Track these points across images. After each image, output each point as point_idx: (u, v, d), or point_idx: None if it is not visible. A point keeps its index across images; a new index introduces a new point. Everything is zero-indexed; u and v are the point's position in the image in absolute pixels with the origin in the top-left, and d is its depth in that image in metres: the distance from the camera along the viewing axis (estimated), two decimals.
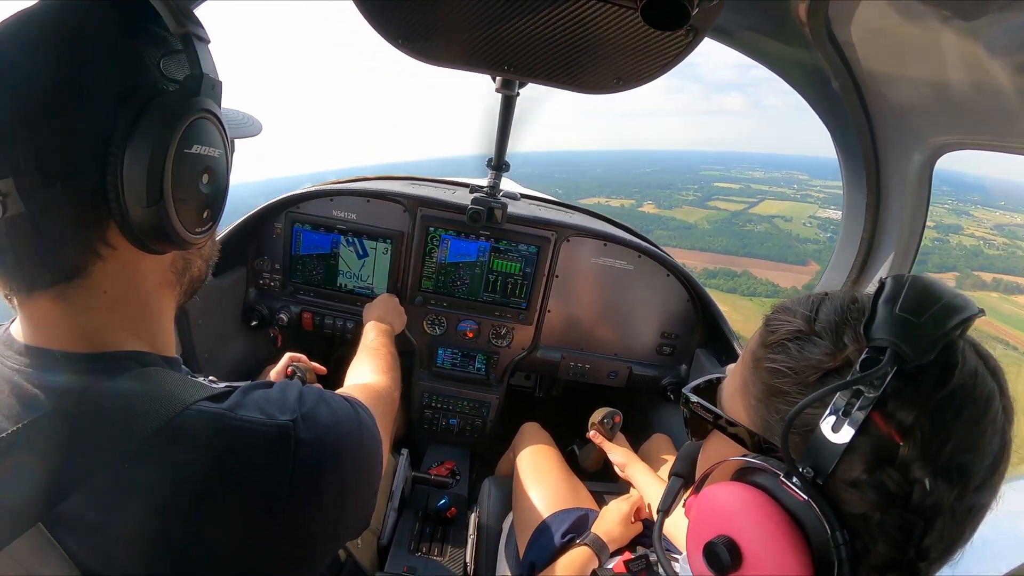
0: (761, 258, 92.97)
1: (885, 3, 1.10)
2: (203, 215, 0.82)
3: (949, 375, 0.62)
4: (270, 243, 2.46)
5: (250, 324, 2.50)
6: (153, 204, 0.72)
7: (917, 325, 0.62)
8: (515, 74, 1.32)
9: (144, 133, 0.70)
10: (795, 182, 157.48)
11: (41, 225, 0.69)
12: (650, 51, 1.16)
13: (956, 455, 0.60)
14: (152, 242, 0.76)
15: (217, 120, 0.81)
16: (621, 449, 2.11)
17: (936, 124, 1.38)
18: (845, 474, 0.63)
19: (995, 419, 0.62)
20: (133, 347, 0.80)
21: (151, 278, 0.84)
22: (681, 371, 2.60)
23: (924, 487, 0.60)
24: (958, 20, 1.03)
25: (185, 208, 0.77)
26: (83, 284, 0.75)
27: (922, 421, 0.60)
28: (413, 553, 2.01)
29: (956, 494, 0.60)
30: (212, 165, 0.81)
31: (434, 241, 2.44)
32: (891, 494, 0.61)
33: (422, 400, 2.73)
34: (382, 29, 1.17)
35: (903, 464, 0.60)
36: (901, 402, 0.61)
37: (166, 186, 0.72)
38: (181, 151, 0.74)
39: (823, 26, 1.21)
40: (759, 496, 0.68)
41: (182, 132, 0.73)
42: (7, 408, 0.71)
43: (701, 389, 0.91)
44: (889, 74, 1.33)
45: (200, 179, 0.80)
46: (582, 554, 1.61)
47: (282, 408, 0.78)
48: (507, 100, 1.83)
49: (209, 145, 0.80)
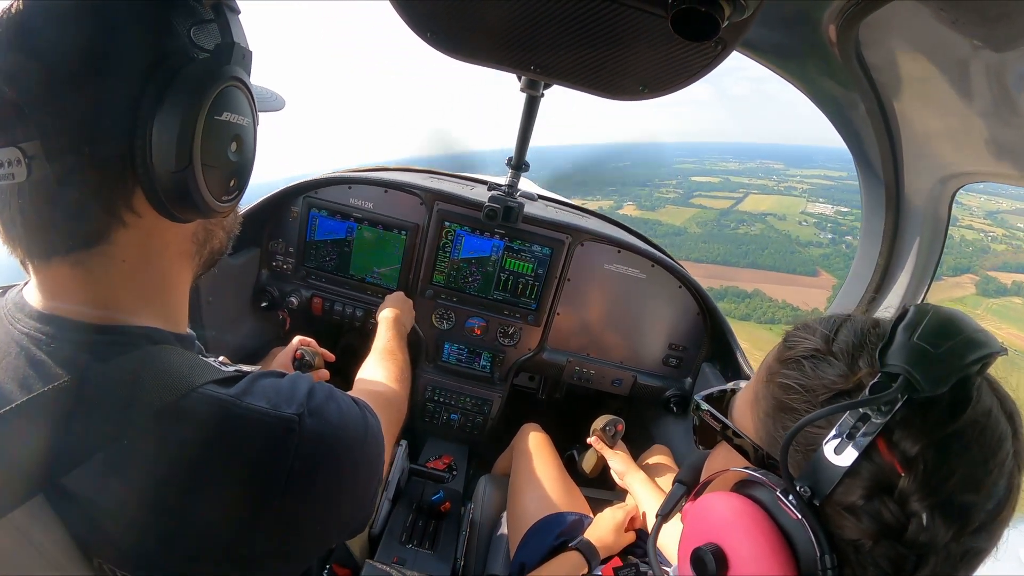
0: (767, 269, 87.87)
1: (916, 29, 1.09)
2: (230, 183, 0.82)
3: (961, 410, 0.61)
4: (286, 226, 2.48)
5: (260, 305, 2.51)
6: (182, 169, 0.72)
7: (934, 356, 0.61)
8: (541, 75, 1.32)
9: (174, 98, 0.70)
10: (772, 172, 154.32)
11: (67, 189, 0.69)
12: (678, 61, 1.15)
13: (958, 493, 0.59)
14: (178, 208, 0.75)
15: (247, 89, 0.81)
16: (621, 457, 2.10)
17: (959, 154, 1.36)
18: (842, 498, 0.62)
19: (1004, 462, 0.61)
20: (145, 322, 0.80)
21: (172, 247, 0.84)
22: (686, 384, 2.59)
23: (921, 521, 0.59)
24: (988, 51, 1.02)
25: (213, 175, 0.77)
26: (103, 251, 0.74)
27: (927, 454, 0.59)
28: (404, 544, 2.01)
29: (953, 533, 0.59)
30: (241, 134, 0.82)
31: (448, 236, 2.44)
32: (886, 524, 0.60)
33: (425, 393, 2.73)
34: (412, 22, 1.18)
35: (902, 495, 0.60)
36: (908, 432, 0.60)
37: (195, 151, 0.73)
38: (211, 117, 0.74)
39: (853, 48, 1.20)
40: (753, 509, 0.67)
41: (213, 98, 0.74)
42: (14, 372, 0.72)
43: (713, 398, 0.91)
44: (916, 100, 1.32)
45: (229, 147, 0.80)
46: (572, 558, 1.61)
47: (289, 401, 0.78)
48: (531, 100, 1.83)
49: (239, 113, 0.80)
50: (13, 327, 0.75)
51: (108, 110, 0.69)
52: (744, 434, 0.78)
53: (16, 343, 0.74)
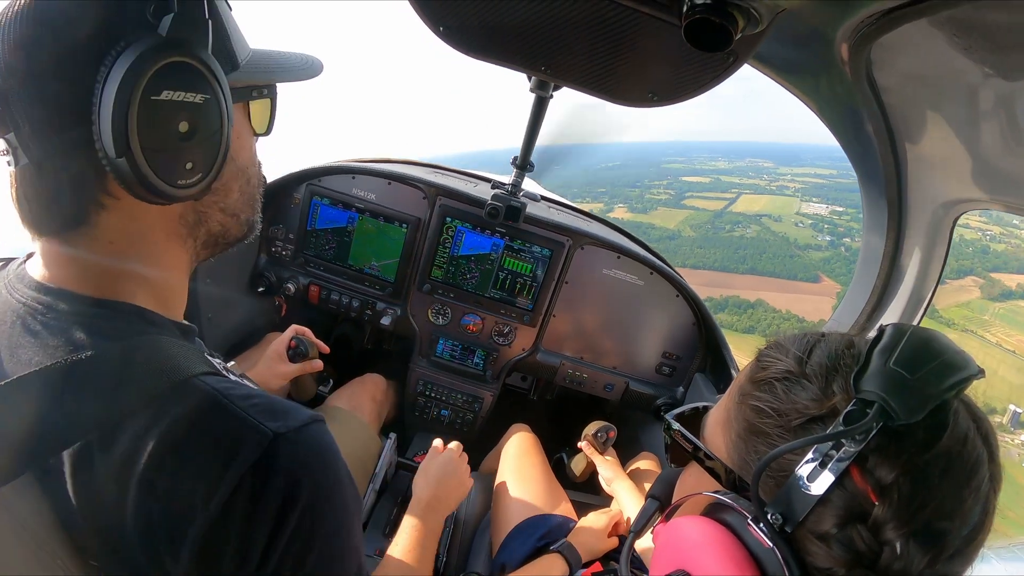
0: (767, 275, 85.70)
1: (928, 53, 1.09)
2: (186, 166, 0.77)
3: (937, 437, 0.60)
4: (287, 212, 2.48)
5: (257, 290, 2.51)
6: (121, 155, 0.69)
7: (910, 382, 0.60)
8: (551, 76, 1.32)
9: (112, 81, 0.67)
10: (763, 171, 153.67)
11: (45, 174, 0.72)
12: (689, 70, 1.15)
13: (933, 521, 0.58)
14: (140, 192, 0.73)
15: (200, 62, 0.75)
16: (610, 463, 2.11)
17: (964, 180, 1.36)
18: (815, 526, 0.62)
19: (979, 487, 0.60)
20: (141, 302, 0.81)
21: (158, 229, 0.83)
22: (678, 393, 2.59)
23: (894, 550, 0.58)
24: (999, 79, 1.02)
25: (160, 158, 0.72)
26: (87, 233, 0.76)
27: (902, 482, 0.59)
28: (387, 536, 2.01)
29: (928, 561, 0.58)
30: (194, 111, 0.75)
31: (449, 231, 2.44)
32: (859, 553, 0.59)
33: (416, 387, 2.73)
34: (425, 15, 1.17)
35: (876, 524, 0.59)
36: (882, 459, 0.60)
37: (131, 135, 0.69)
38: (147, 97, 0.69)
39: (864, 68, 1.20)
40: (723, 535, 0.66)
41: (148, 77, 0.68)
42: (8, 341, 0.74)
43: (685, 417, 0.90)
44: (924, 124, 1.32)
45: (176, 128, 0.74)
46: (553, 561, 1.61)
47: (275, 418, 0.75)
48: (540, 101, 1.83)
49: (185, 90, 0.73)
50: (12, 296, 0.77)
51: (66, 98, 0.69)
52: (715, 456, 0.77)
53: (13, 312, 0.76)
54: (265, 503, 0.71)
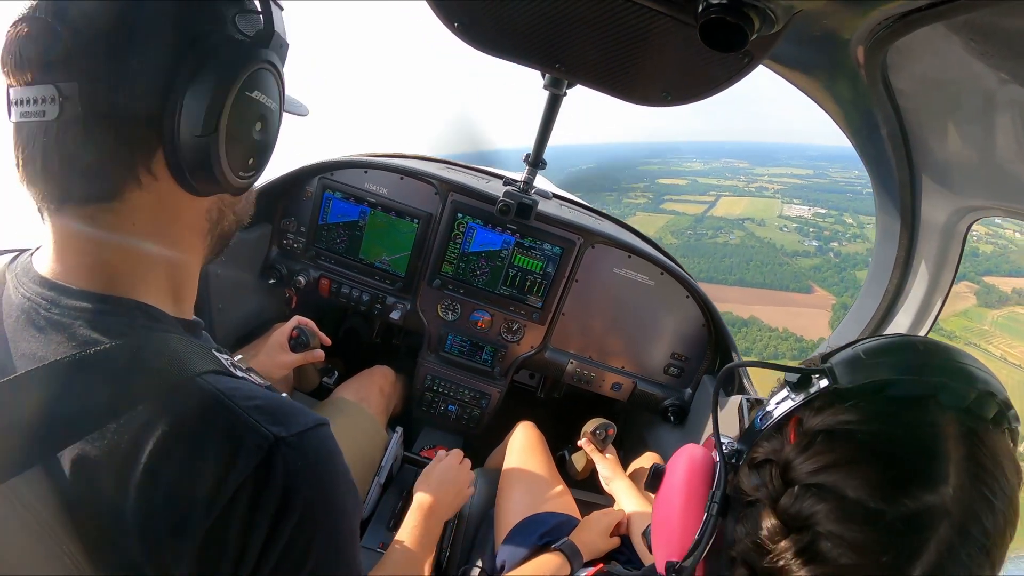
0: (757, 287, 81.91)
1: (945, 58, 1.08)
2: (249, 160, 0.85)
3: (865, 411, 0.66)
4: (299, 205, 2.49)
5: (267, 282, 2.52)
6: (207, 135, 0.74)
7: (861, 360, 0.69)
8: (566, 74, 1.32)
9: (212, 68, 0.74)
10: (739, 172, 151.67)
11: (92, 135, 0.71)
12: (703, 70, 1.15)
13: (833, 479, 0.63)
14: (195, 175, 0.77)
15: (279, 76, 0.86)
16: (609, 462, 2.11)
17: (978, 187, 1.35)
18: (752, 455, 0.76)
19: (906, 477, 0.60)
20: (145, 298, 0.80)
21: (184, 220, 0.85)
22: (685, 395, 2.58)
23: (792, 492, 0.65)
24: (1016, 85, 1.01)
25: (235, 147, 0.79)
26: (115, 208, 0.76)
27: (816, 435, 0.67)
28: (391, 530, 2.02)
29: (822, 516, 0.62)
30: (267, 115, 0.85)
31: (460, 228, 2.45)
32: (766, 485, 0.70)
33: (424, 382, 2.74)
34: (440, 11, 1.18)
35: (784, 463, 0.69)
36: (814, 414, 0.69)
37: (222, 119, 0.75)
38: (243, 92, 0.78)
39: (879, 71, 1.19)
40: (702, 451, 0.90)
41: (248, 75, 0.78)
42: (14, 335, 0.74)
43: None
44: (939, 129, 1.31)
45: (254, 125, 0.83)
46: (554, 559, 1.62)
47: (277, 421, 0.75)
48: (553, 98, 1.83)
49: (268, 96, 0.84)
50: (18, 290, 0.77)
51: (147, 68, 0.72)
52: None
53: (19, 307, 0.76)
54: (263, 509, 0.72)
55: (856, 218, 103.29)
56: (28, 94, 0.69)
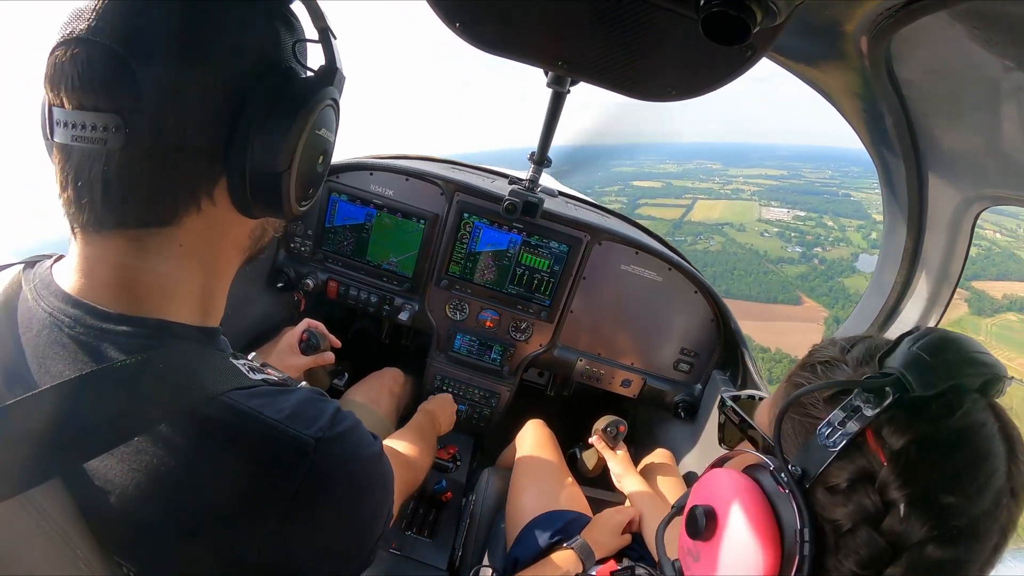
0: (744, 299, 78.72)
1: (949, 46, 1.07)
2: (309, 191, 0.88)
3: (948, 415, 0.65)
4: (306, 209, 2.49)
5: (275, 286, 2.54)
6: (283, 171, 0.78)
7: (928, 362, 0.66)
8: (569, 71, 1.32)
9: (287, 107, 0.77)
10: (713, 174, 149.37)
11: (158, 165, 0.72)
12: (707, 64, 1.15)
13: (936, 491, 0.63)
14: (260, 205, 0.80)
15: (338, 112, 0.89)
16: (620, 459, 2.10)
17: (985, 175, 1.35)
18: (829, 479, 0.69)
19: (990, 476, 0.64)
20: (170, 316, 0.79)
21: (230, 239, 0.86)
22: (695, 390, 2.58)
23: (898, 512, 0.63)
24: (1020, 72, 1.01)
25: (301, 180, 0.82)
26: (166, 233, 0.76)
27: (910, 448, 0.64)
28: (403, 531, 2.03)
29: (927, 531, 0.62)
30: (328, 149, 0.89)
31: (467, 227, 2.45)
32: (865, 510, 0.65)
33: (434, 382, 2.75)
34: (441, 10, 1.18)
35: (883, 484, 0.65)
36: (895, 427, 0.66)
37: (296, 156, 0.79)
38: (314, 130, 0.81)
39: (883, 61, 1.19)
40: (748, 482, 0.76)
41: (319, 113, 0.81)
42: (34, 350, 0.74)
43: (740, 400, 0.99)
44: (944, 118, 1.30)
45: (318, 159, 0.87)
46: (567, 557, 1.61)
47: (310, 422, 0.77)
48: (557, 96, 1.83)
49: (330, 131, 0.87)
50: (38, 304, 0.76)
51: (216, 99, 0.73)
52: (757, 427, 0.86)
53: (40, 321, 0.74)
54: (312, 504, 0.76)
55: (836, 221, 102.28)
56: (85, 119, 0.68)
